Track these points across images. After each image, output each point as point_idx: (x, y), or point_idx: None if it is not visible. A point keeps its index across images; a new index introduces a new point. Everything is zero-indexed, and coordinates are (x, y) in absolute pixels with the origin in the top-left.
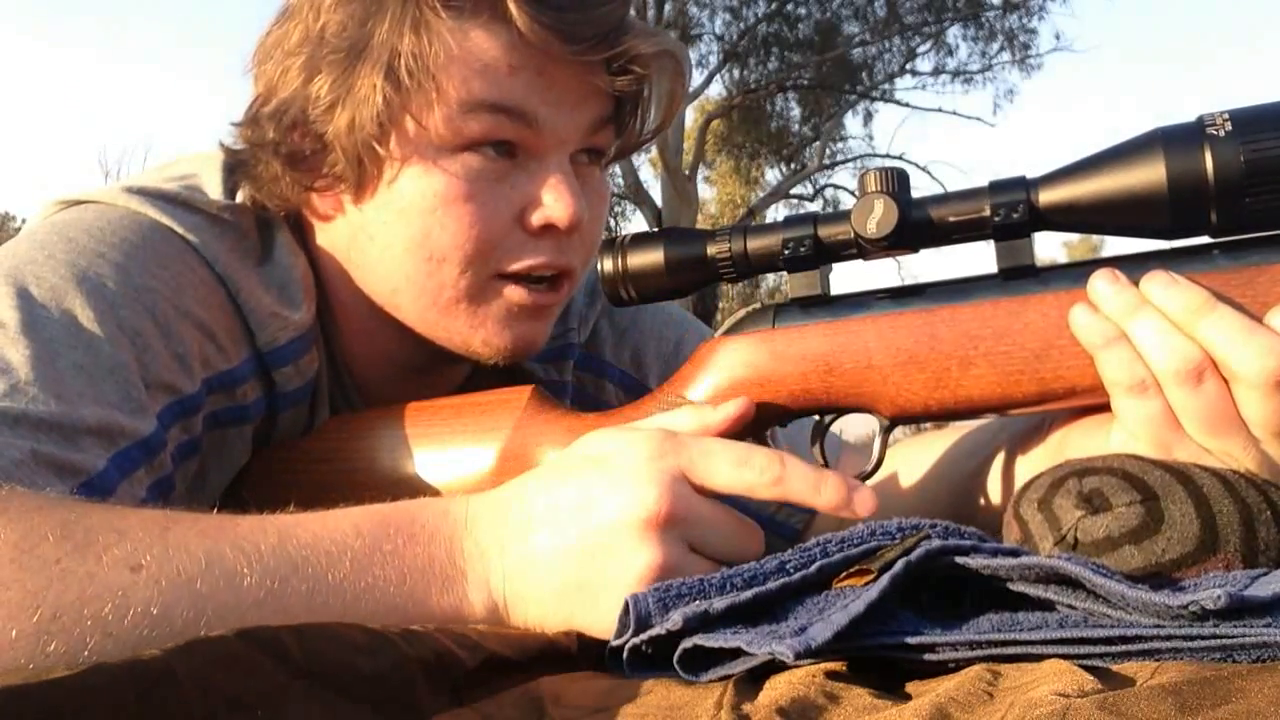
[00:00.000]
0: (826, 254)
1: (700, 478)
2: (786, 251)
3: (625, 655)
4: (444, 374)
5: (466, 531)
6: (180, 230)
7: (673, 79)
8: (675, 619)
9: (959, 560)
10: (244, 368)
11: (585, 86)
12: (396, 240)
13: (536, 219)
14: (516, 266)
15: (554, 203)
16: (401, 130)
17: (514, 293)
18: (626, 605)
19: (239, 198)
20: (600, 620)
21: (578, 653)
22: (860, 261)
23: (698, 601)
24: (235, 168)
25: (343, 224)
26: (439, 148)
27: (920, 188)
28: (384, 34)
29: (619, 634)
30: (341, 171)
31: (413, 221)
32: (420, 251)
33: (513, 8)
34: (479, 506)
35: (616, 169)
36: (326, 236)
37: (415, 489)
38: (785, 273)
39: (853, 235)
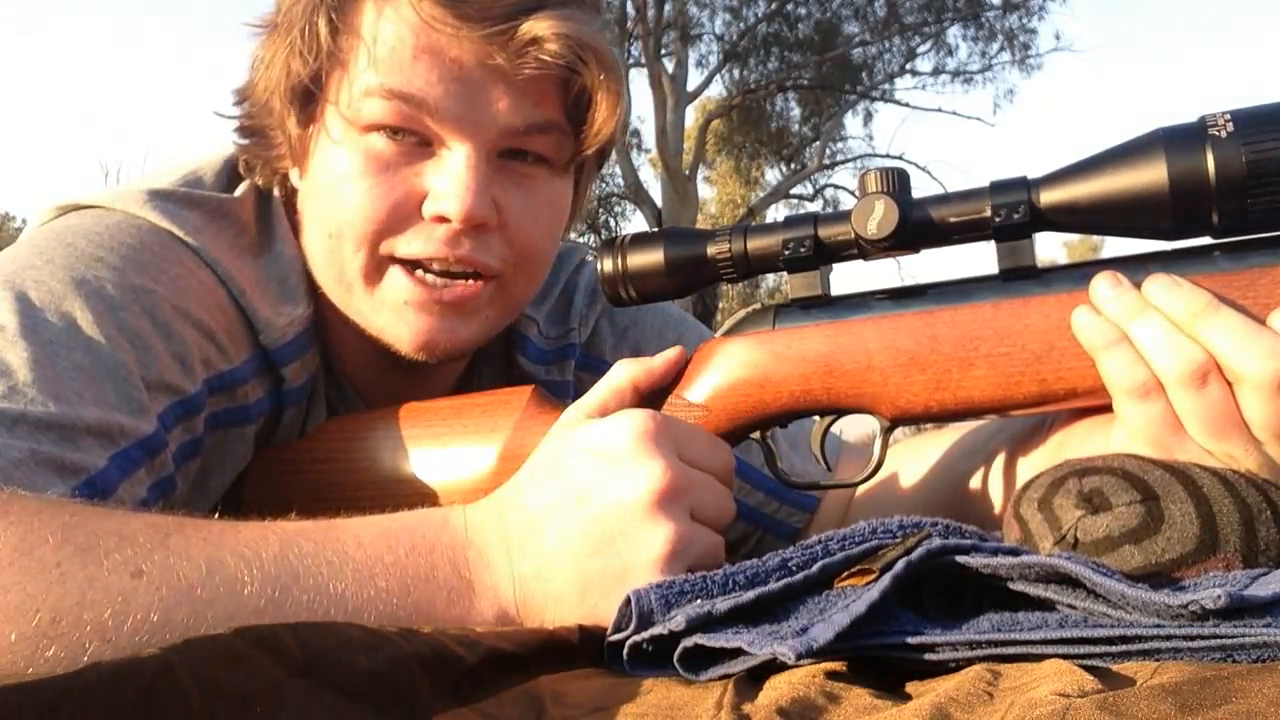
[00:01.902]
0: (827, 254)
1: (689, 455)
2: (786, 252)
3: (625, 652)
4: (433, 375)
5: (468, 541)
6: (179, 233)
7: (594, 70)
8: (678, 619)
9: (959, 559)
10: (245, 368)
11: (493, 76)
12: (315, 214)
13: (429, 209)
14: (408, 251)
15: (446, 194)
16: (314, 106)
17: (400, 279)
18: (628, 599)
19: (241, 188)
20: (613, 601)
21: (578, 644)
22: (860, 262)
23: (700, 601)
24: (238, 151)
25: (299, 200)
26: (346, 126)
27: (920, 188)
28: (294, 9)
29: (617, 628)
30: (282, 144)
31: (322, 195)
32: (325, 226)
33: None
34: (476, 515)
35: (616, 169)
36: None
37: (416, 489)
38: (785, 273)
39: (853, 236)
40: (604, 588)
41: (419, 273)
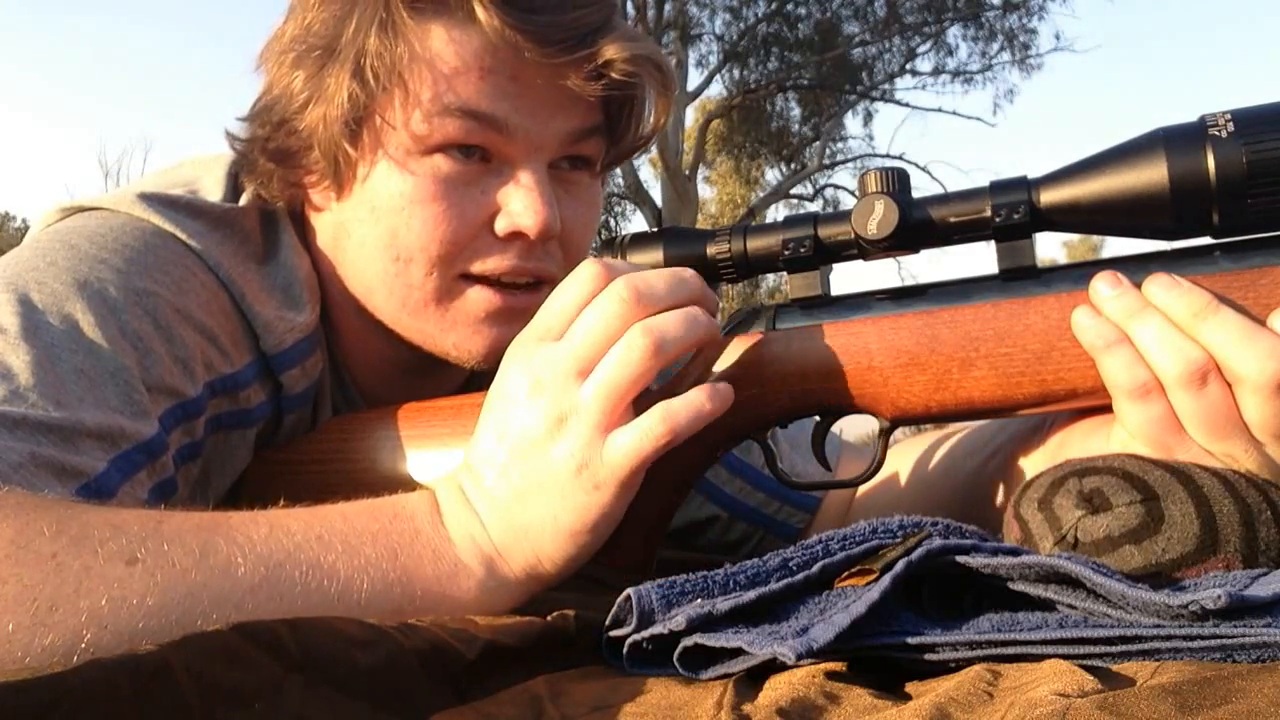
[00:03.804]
0: (827, 254)
1: (559, 328)
2: (786, 252)
3: (625, 650)
4: (442, 376)
5: (438, 504)
6: (183, 236)
7: (655, 85)
8: (679, 619)
9: (959, 559)
10: (247, 371)
11: (561, 93)
12: (368, 239)
13: (503, 226)
14: (482, 269)
15: (522, 210)
16: (372, 129)
17: (480, 295)
18: (628, 596)
19: (244, 199)
20: (579, 506)
21: (576, 634)
22: (860, 262)
23: (701, 601)
24: (240, 164)
25: (329, 221)
26: (409, 148)
27: (920, 188)
28: (353, 33)
29: (614, 624)
30: (321, 169)
31: (382, 220)
32: (389, 251)
33: (479, 9)
34: (440, 482)
35: (616, 169)
36: (320, 235)
37: (415, 490)
38: (785, 273)
39: (853, 236)
40: (547, 494)
41: (495, 285)
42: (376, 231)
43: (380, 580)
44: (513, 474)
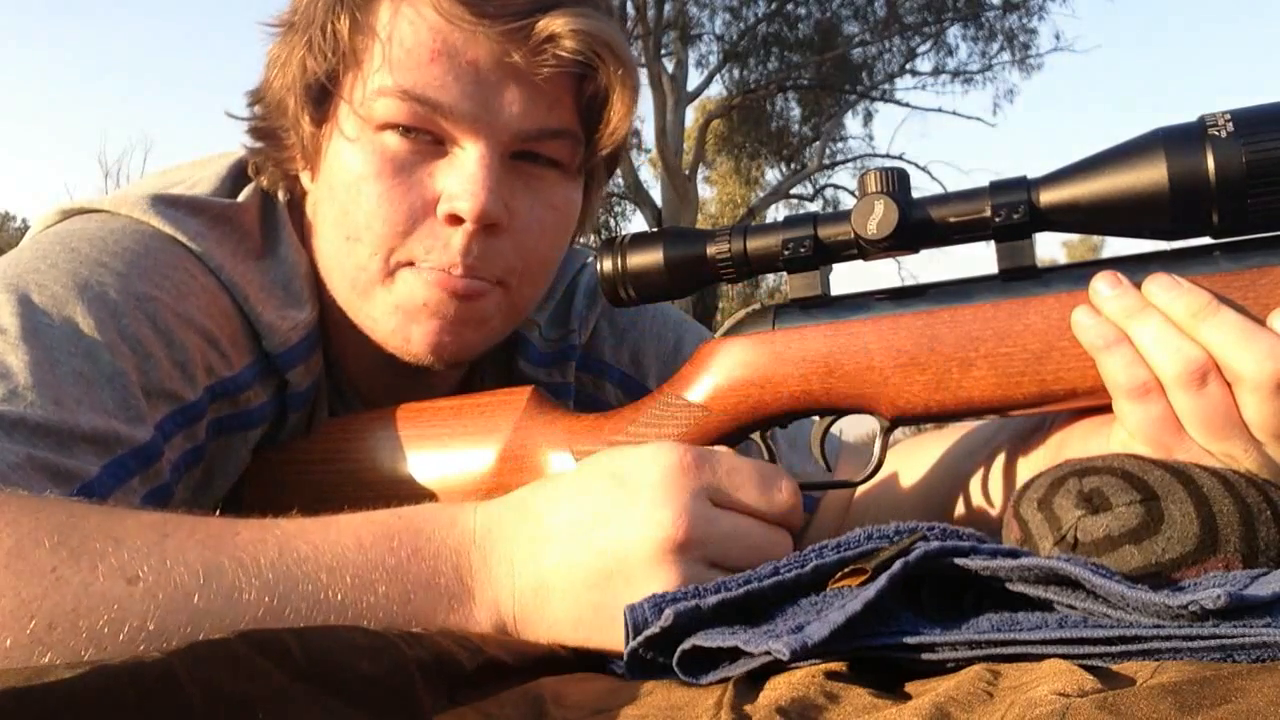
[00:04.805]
0: (826, 254)
1: (725, 498)
2: (786, 252)
3: (626, 661)
4: (433, 378)
5: (475, 545)
6: (183, 239)
7: (610, 67)
8: (667, 614)
9: (958, 562)
10: (246, 374)
11: (512, 77)
12: (328, 217)
13: (443, 209)
14: (426, 262)
15: (460, 193)
16: (328, 105)
17: (418, 279)
18: (625, 617)
19: (243, 195)
20: (616, 643)
21: (575, 661)
22: (860, 262)
23: (689, 599)
24: (245, 156)
25: (311, 204)
26: (361, 125)
27: (920, 188)
28: (311, 8)
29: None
30: (293, 145)
31: (337, 198)
32: (340, 229)
33: None
34: (490, 519)
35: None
36: (310, 225)
37: (415, 490)
38: (785, 273)
39: (853, 236)
40: (598, 624)
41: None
42: (333, 210)
43: (388, 622)
44: (583, 582)
